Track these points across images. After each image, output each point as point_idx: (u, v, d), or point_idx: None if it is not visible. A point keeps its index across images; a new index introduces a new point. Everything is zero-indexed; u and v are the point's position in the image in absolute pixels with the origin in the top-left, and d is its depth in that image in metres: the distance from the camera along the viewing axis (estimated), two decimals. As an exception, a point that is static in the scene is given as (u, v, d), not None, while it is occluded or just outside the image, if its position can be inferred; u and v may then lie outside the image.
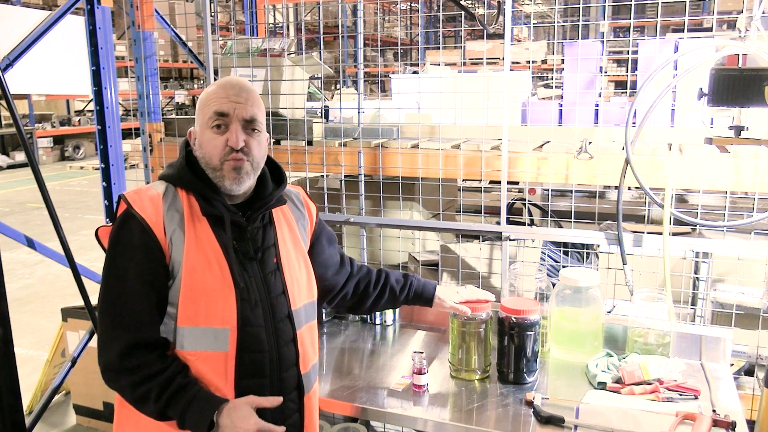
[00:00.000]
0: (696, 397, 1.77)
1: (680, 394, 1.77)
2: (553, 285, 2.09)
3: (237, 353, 1.46)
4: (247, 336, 1.47)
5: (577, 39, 3.56)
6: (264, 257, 1.55)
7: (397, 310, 2.40)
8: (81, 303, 2.65)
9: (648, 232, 2.30)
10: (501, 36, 2.42)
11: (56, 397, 3.06)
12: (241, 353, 1.47)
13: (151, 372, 1.39)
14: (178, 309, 1.43)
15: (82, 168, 12.99)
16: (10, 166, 13.00)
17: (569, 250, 2.91)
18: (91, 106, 10.81)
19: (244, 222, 1.53)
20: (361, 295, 1.87)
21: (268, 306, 1.52)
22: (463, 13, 2.74)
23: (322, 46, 3.60)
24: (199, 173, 1.51)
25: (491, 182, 3.38)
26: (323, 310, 2.39)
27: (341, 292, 1.85)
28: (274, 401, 1.45)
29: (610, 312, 2.42)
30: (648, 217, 2.48)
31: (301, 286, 1.61)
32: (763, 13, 2.05)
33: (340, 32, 2.98)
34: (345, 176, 2.92)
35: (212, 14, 3.25)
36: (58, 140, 14.19)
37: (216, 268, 1.46)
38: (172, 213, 1.46)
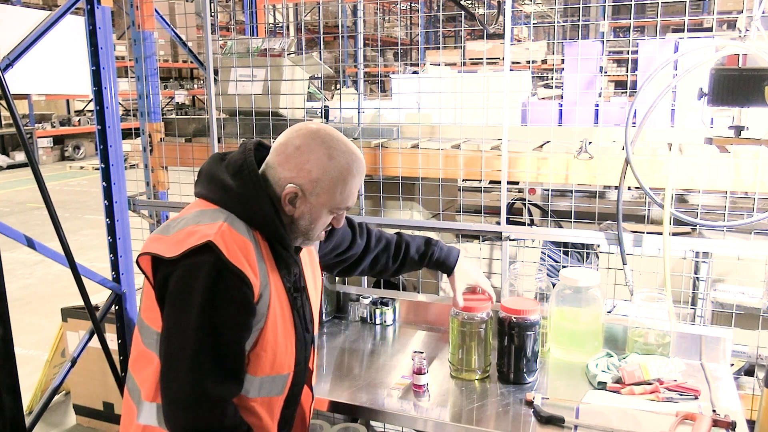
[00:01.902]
0: (696, 397, 1.77)
1: (680, 394, 1.77)
2: (553, 285, 2.09)
3: (288, 392, 1.51)
4: (296, 376, 1.52)
5: (577, 39, 3.56)
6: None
7: (398, 309, 2.40)
8: (81, 303, 2.65)
9: (648, 232, 2.30)
10: (501, 36, 2.42)
11: (56, 397, 3.06)
12: (289, 391, 1.51)
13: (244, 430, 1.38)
14: (250, 359, 1.40)
15: (82, 168, 12.99)
16: (10, 166, 13.00)
17: (569, 250, 2.91)
18: (91, 106, 10.81)
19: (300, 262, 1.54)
20: (380, 270, 1.93)
21: (303, 339, 1.54)
22: (463, 13, 2.74)
23: (322, 46, 3.60)
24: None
25: (491, 182, 3.38)
26: (323, 311, 2.39)
27: (358, 267, 1.91)
28: None
29: (610, 312, 2.42)
30: (648, 217, 2.48)
31: (317, 309, 1.64)
32: (763, 13, 2.05)
33: (340, 32, 2.98)
34: (345, 176, 2.92)
35: (212, 14, 3.25)
36: (58, 140, 14.19)
37: (287, 316, 1.46)
38: (261, 264, 1.39)
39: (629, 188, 3.17)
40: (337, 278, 2.52)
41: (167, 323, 1.34)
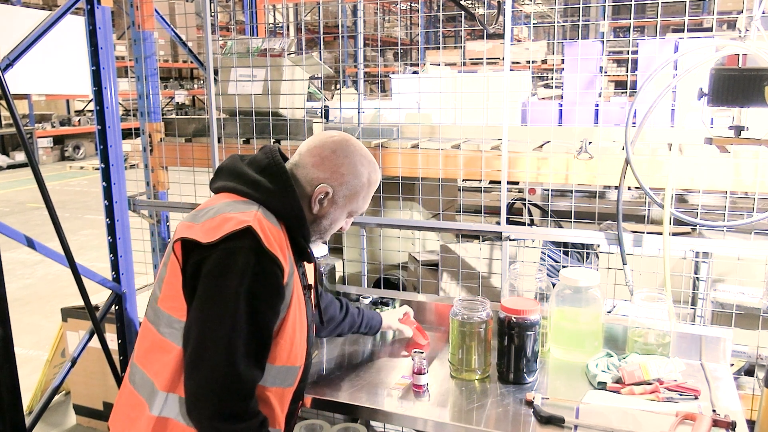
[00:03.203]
0: (696, 397, 1.77)
1: (680, 394, 1.77)
2: (553, 285, 2.09)
3: (297, 386, 1.56)
4: (305, 371, 1.58)
5: (577, 39, 3.56)
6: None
7: (397, 310, 2.40)
8: (81, 303, 2.65)
9: (648, 232, 2.30)
10: (501, 36, 2.42)
11: (56, 397, 3.05)
12: (298, 385, 1.56)
13: (261, 419, 1.41)
14: (271, 346, 1.44)
15: (82, 168, 12.99)
16: (10, 166, 12.99)
17: (569, 250, 2.91)
18: (91, 106, 10.82)
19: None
20: (328, 320, 2.01)
21: (310, 335, 1.62)
22: (463, 13, 2.74)
23: (322, 46, 3.60)
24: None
25: (491, 182, 3.38)
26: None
27: (333, 333, 2.08)
28: None
29: (610, 312, 2.42)
30: (648, 217, 2.48)
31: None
32: (763, 13, 2.05)
33: (340, 32, 2.98)
34: (345, 176, 2.92)
35: (212, 14, 3.25)
36: (58, 140, 14.19)
37: (302, 309, 1.52)
38: (288, 254, 1.45)
39: (629, 188, 3.17)
40: (336, 279, 2.52)
41: (200, 308, 1.35)
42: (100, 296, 2.92)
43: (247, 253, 1.34)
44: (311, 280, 1.66)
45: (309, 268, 1.65)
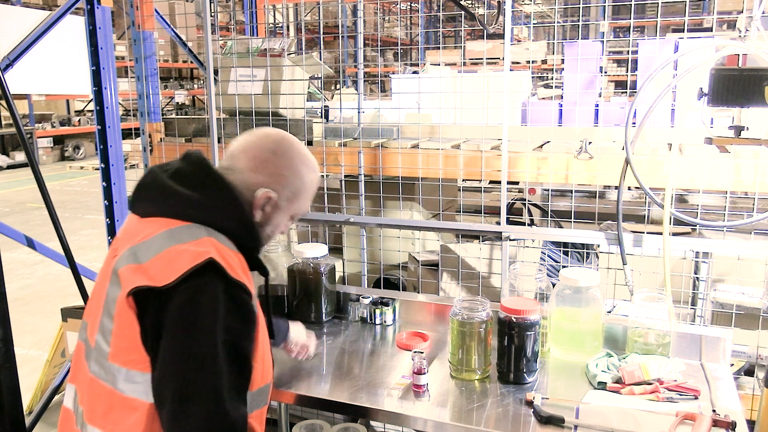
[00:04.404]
0: (696, 397, 1.77)
1: (680, 394, 1.77)
2: (553, 285, 2.09)
3: (269, 402, 1.48)
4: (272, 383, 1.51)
5: (577, 39, 3.56)
6: None
7: (398, 309, 2.40)
8: (81, 303, 2.65)
9: (648, 232, 2.30)
10: (501, 36, 2.42)
11: (56, 397, 3.06)
12: (270, 399, 1.50)
13: None
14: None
15: (82, 168, 13.00)
16: (10, 166, 13.00)
17: (569, 250, 2.92)
18: (91, 106, 10.82)
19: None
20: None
21: (271, 345, 1.55)
22: (463, 13, 2.74)
23: (322, 46, 3.60)
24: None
25: (491, 182, 3.38)
26: (323, 310, 2.39)
27: None
28: None
29: (610, 312, 2.42)
30: (648, 217, 2.48)
31: None
32: (763, 13, 2.05)
33: (340, 32, 2.98)
34: (345, 176, 2.93)
35: (212, 14, 3.25)
36: (58, 140, 14.19)
37: (263, 323, 1.42)
38: (250, 275, 1.34)
39: (629, 188, 3.17)
40: (336, 279, 2.52)
41: (174, 358, 1.20)
42: (100, 296, 2.91)
43: (214, 289, 1.21)
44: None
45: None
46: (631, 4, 2.45)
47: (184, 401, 1.19)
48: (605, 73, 2.87)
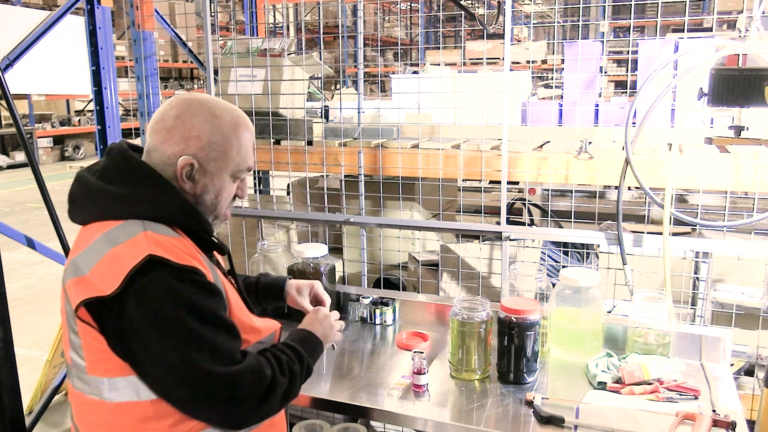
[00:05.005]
0: (696, 397, 1.77)
1: (680, 394, 1.77)
2: (553, 285, 2.09)
3: None
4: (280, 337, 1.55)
5: (577, 39, 3.56)
6: None
7: (398, 309, 2.40)
8: (81, 303, 2.65)
9: (648, 232, 2.30)
10: (501, 36, 2.42)
11: (56, 397, 3.06)
12: None
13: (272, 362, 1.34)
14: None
15: (82, 168, 12.99)
16: (10, 166, 13.00)
17: (569, 250, 2.91)
18: (91, 106, 10.82)
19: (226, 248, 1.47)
20: None
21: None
22: (463, 13, 2.74)
23: (322, 46, 3.60)
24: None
25: (491, 182, 3.38)
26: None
27: None
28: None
29: (610, 312, 2.42)
30: (648, 217, 2.48)
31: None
32: (763, 13, 2.05)
33: (340, 32, 2.97)
34: (345, 176, 2.92)
35: (212, 14, 3.25)
36: (58, 140, 14.19)
37: (239, 301, 1.41)
38: (202, 258, 1.32)
39: (629, 188, 3.17)
40: (336, 279, 2.52)
41: (157, 356, 1.20)
42: (100, 296, 2.91)
43: (163, 281, 1.19)
44: (227, 266, 1.52)
45: (221, 257, 1.51)
46: (631, 4, 2.44)
47: (190, 387, 1.21)
48: (605, 73, 2.86)
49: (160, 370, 1.21)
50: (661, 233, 2.20)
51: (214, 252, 1.44)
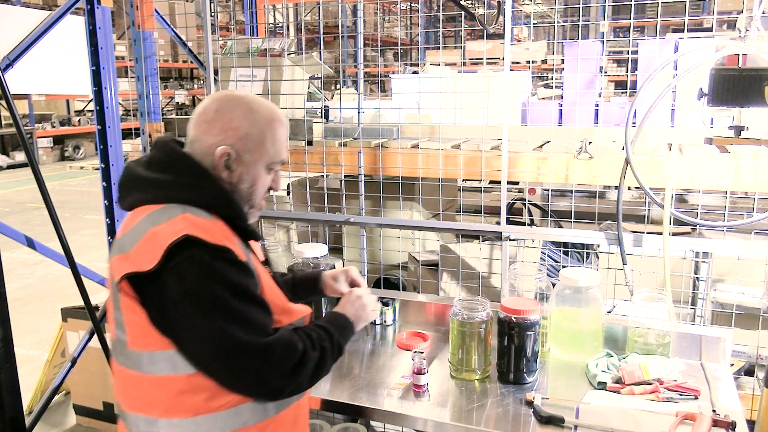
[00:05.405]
0: (696, 397, 1.77)
1: (680, 394, 1.77)
2: (553, 285, 2.09)
3: None
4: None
5: (577, 39, 3.56)
6: None
7: (398, 309, 2.40)
8: (81, 303, 2.65)
9: (648, 232, 2.30)
10: (501, 36, 2.42)
11: (56, 397, 3.06)
12: None
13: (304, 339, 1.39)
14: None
15: (82, 168, 13.00)
16: (10, 166, 13.00)
17: (569, 250, 2.91)
18: (91, 106, 10.81)
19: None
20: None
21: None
22: (463, 13, 2.74)
23: (322, 46, 3.60)
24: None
25: (491, 182, 3.38)
26: (323, 310, 2.39)
27: None
28: None
29: (610, 312, 2.42)
30: (648, 217, 2.48)
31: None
32: (763, 13, 2.05)
33: (340, 32, 2.98)
34: (345, 176, 2.92)
35: (212, 14, 3.25)
36: (58, 140, 14.20)
37: (276, 288, 1.47)
38: (237, 242, 1.39)
39: (629, 188, 3.17)
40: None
41: (195, 330, 1.28)
42: (100, 296, 2.92)
43: (199, 257, 1.27)
44: (262, 256, 1.59)
45: (257, 246, 1.58)
46: (631, 4, 2.44)
47: (224, 358, 1.28)
48: (605, 73, 2.86)
49: (196, 343, 1.29)
50: (661, 233, 2.20)
51: (250, 242, 1.52)
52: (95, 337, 2.57)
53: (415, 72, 5.48)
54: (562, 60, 2.87)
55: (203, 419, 1.34)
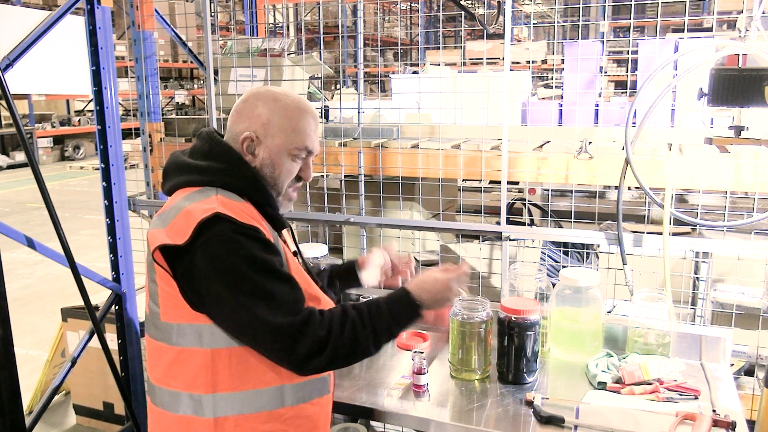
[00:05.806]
0: (696, 397, 1.77)
1: (680, 394, 1.77)
2: (553, 285, 2.09)
3: None
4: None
5: (577, 39, 3.56)
6: None
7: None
8: (81, 303, 2.65)
9: (648, 232, 2.30)
10: (501, 36, 2.42)
11: (56, 397, 3.06)
12: None
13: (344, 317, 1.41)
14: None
15: (82, 168, 13.00)
16: (10, 166, 13.00)
17: (569, 250, 2.92)
18: (91, 106, 10.82)
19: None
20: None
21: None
22: (463, 13, 2.74)
23: (322, 46, 3.60)
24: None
25: (491, 182, 3.38)
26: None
27: None
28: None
29: (610, 312, 2.42)
30: (648, 217, 2.48)
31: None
32: (763, 13, 2.05)
33: (340, 32, 2.98)
34: (345, 176, 2.93)
35: (212, 14, 3.25)
36: (58, 140, 14.19)
37: (303, 274, 1.51)
38: (266, 225, 1.45)
39: (629, 188, 3.17)
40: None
41: (223, 302, 1.34)
42: (100, 296, 2.92)
43: (227, 233, 1.34)
44: (293, 247, 1.64)
45: (288, 235, 1.64)
46: (631, 4, 2.45)
47: (248, 333, 1.35)
48: (605, 73, 2.87)
49: (223, 316, 1.36)
50: (661, 233, 2.20)
51: (283, 232, 1.58)
52: (95, 337, 2.57)
53: (415, 72, 5.48)
54: (562, 60, 2.87)
55: (221, 397, 1.39)
